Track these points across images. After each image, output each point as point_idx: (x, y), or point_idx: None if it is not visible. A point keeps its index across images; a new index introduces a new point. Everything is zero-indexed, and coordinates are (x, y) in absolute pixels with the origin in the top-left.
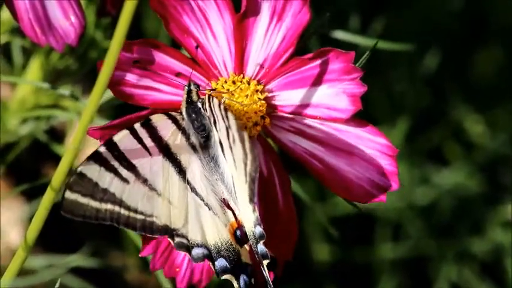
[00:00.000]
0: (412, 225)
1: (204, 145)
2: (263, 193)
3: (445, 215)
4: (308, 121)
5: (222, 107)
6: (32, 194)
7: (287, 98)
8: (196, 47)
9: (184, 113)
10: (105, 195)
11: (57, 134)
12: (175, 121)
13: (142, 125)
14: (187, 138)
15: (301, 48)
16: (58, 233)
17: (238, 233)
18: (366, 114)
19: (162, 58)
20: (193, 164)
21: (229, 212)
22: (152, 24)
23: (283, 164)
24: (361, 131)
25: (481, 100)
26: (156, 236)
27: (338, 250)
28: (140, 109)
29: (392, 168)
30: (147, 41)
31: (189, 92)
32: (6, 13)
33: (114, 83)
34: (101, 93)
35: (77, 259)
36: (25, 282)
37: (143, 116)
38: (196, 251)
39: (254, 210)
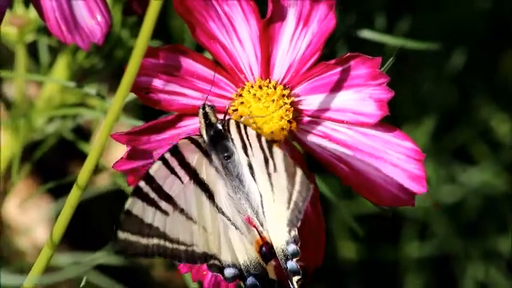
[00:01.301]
0: (439, 224)
1: (225, 164)
2: None
3: (472, 214)
4: (335, 125)
5: (263, 139)
6: (59, 192)
7: (313, 103)
8: (216, 65)
9: (204, 135)
10: (151, 230)
11: (84, 133)
12: (198, 145)
13: (172, 154)
14: (210, 160)
15: (329, 51)
16: (84, 231)
17: (263, 249)
18: (392, 114)
19: (188, 64)
20: (218, 185)
21: (254, 230)
22: (178, 22)
23: (309, 168)
24: (388, 136)
25: (507, 99)
26: (199, 264)
27: (364, 248)
28: (165, 112)
29: (420, 172)
30: (174, 47)
31: (206, 114)
32: (33, 12)
33: (141, 89)
34: (126, 91)
35: (103, 256)
36: (51, 279)
37: (169, 121)
38: (229, 271)
39: (291, 231)
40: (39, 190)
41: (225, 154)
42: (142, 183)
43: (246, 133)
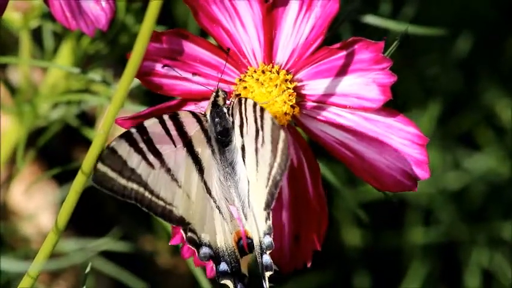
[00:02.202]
0: (444, 210)
1: (222, 150)
2: (293, 183)
3: (477, 200)
4: (338, 110)
5: (257, 107)
6: (63, 178)
7: (316, 88)
8: (227, 52)
9: (208, 115)
10: (132, 175)
11: (88, 119)
12: (199, 121)
13: (170, 118)
14: (209, 140)
15: (332, 35)
16: (89, 217)
17: (241, 242)
18: (397, 99)
19: (191, 48)
20: (211, 166)
21: (237, 220)
22: (182, 9)
23: (313, 153)
24: (391, 121)
25: None
26: (173, 225)
27: (369, 235)
28: (169, 98)
29: (422, 157)
30: (176, 31)
31: (217, 95)
32: None
33: (144, 73)
34: (130, 78)
35: (108, 243)
36: (56, 265)
37: (173, 106)
38: (204, 250)
39: (267, 219)
40: (44, 176)
41: (225, 138)
42: (133, 129)
43: (245, 105)
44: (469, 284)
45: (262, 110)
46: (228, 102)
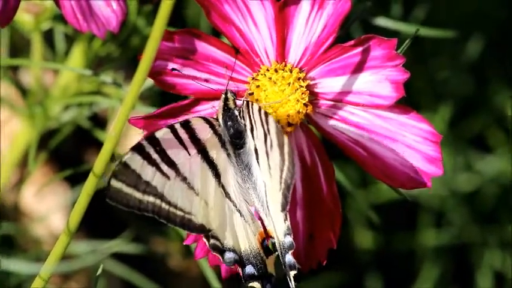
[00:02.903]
0: (455, 213)
1: (238, 152)
2: (307, 181)
3: (488, 202)
4: (351, 108)
5: (262, 111)
6: (75, 180)
7: (329, 86)
8: (237, 52)
9: (220, 119)
10: (148, 188)
11: (100, 121)
12: (212, 126)
13: (182, 126)
14: (223, 144)
15: (343, 35)
16: (100, 219)
17: (265, 242)
18: (408, 102)
19: (203, 47)
20: (228, 170)
21: (259, 221)
22: (193, 10)
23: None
24: (404, 118)
25: None
26: (194, 234)
27: (380, 237)
28: (181, 98)
29: (436, 154)
30: (188, 30)
31: (226, 99)
32: (48, 0)
33: (156, 73)
34: (142, 80)
35: (119, 245)
36: (68, 267)
37: (186, 105)
38: (228, 256)
39: (286, 220)
40: (56, 178)
41: (238, 141)
42: (144, 142)
43: (252, 109)
44: (481, 285)
45: (266, 114)
46: (239, 101)
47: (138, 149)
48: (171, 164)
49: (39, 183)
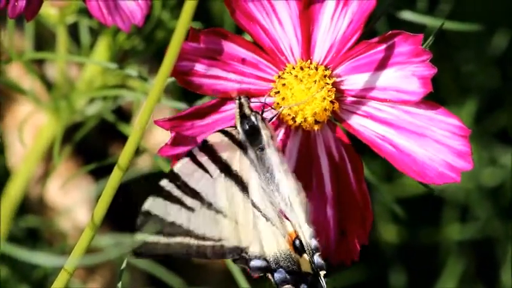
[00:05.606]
0: (480, 207)
1: (260, 155)
2: (336, 178)
3: None
4: (377, 104)
5: (259, 117)
6: (100, 174)
7: (355, 82)
8: (263, 49)
9: (239, 127)
10: (173, 229)
11: (124, 114)
12: (231, 137)
13: (200, 148)
14: (245, 152)
15: (368, 31)
16: (125, 212)
17: (297, 242)
18: (433, 96)
19: (229, 47)
20: (252, 178)
21: (287, 222)
22: (218, 5)
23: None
24: (432, 113)
25: None
26: (229, 259)
27: (405, 231)
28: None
29: (465, 148)
30: (214, 30)
31: (241, 105)
32: None
33: (182, 74)
34: (167, 73)
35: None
36: (92, 261)
37: (212, 106)
38: (255, 263)
39: (309, 222)
40: (81, 172)
41: (259, 146)
42: (164, 182)
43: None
44: (505, 280)
45: (263, 119)
46: (263, 99)
47: (159, 192)
48: (195, 194)
49: (64, 176)
